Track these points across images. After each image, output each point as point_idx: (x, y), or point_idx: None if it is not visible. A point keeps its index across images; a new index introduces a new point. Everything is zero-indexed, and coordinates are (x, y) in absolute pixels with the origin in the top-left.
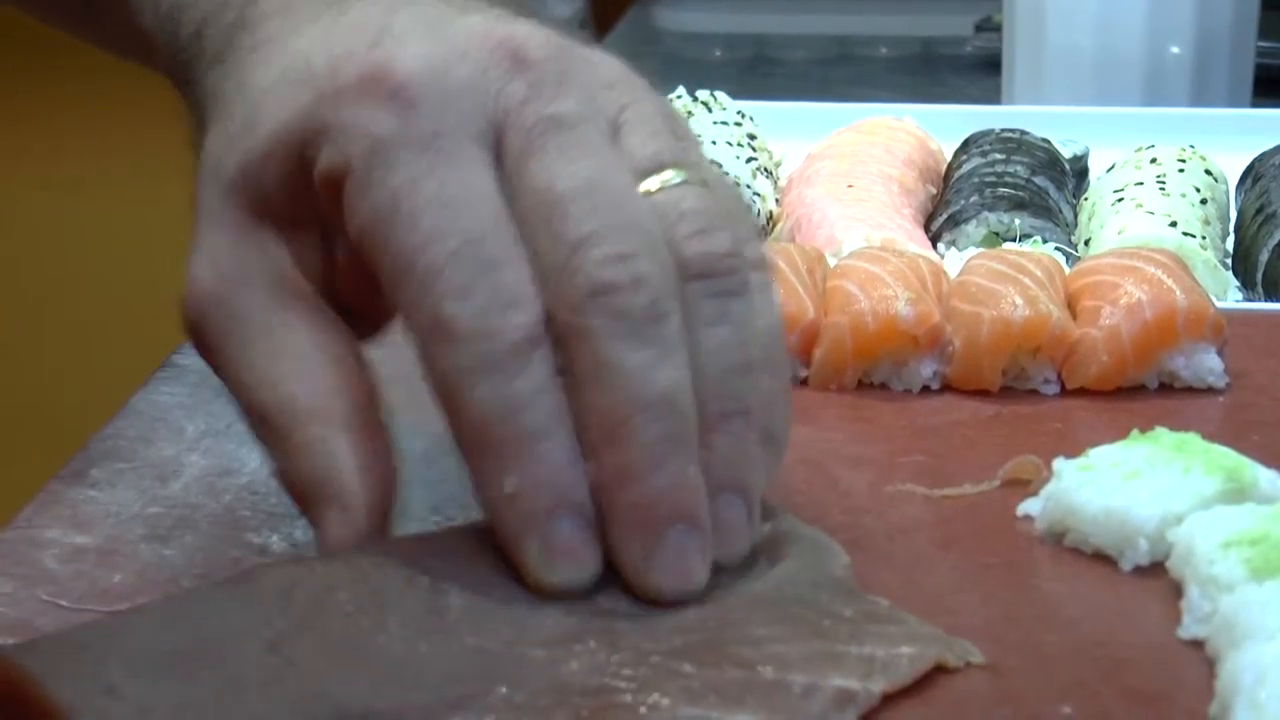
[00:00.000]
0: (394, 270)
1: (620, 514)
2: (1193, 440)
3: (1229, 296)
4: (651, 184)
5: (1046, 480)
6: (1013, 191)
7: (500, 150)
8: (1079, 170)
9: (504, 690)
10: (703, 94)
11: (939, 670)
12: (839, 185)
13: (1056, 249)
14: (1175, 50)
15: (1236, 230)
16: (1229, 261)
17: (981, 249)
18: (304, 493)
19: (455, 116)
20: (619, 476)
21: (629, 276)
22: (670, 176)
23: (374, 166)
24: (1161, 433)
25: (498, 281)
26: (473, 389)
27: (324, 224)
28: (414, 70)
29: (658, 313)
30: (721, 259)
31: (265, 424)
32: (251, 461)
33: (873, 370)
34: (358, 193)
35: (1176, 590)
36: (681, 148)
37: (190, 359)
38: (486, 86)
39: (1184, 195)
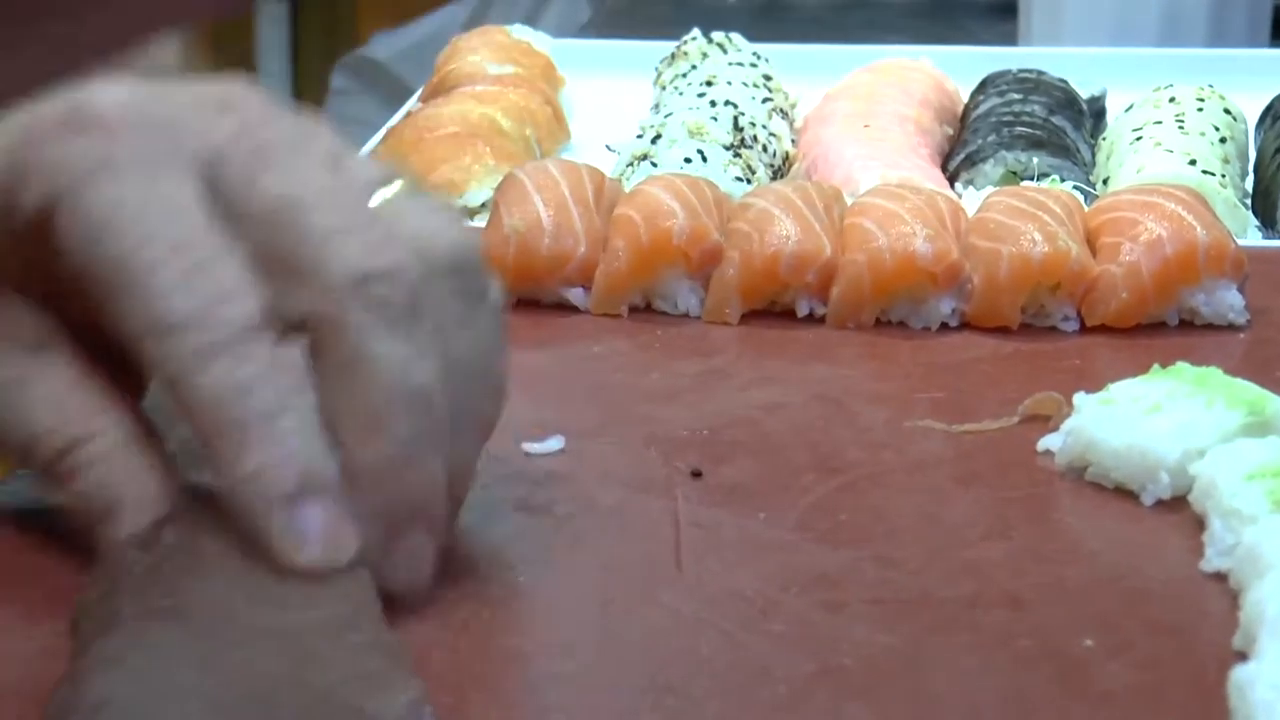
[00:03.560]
0: (109, 284)
1: (366, 505)
2: (1214, 374)
3: (1248, 235)
4: (383, 194)
5: (1067, 415)
6: (1030, 130)
7: (218, 181)
8: (1097, 111)
9: None
10: (718, 35)
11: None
12: (855, 125)
13: (1075, 188)
14: None
15: (1256, 169)
16: (1248, 201)
17: (999, 188)
18: (89, 511)
19: (158, 145)
20: (371, 470)
21: (388, 266)
22: (398, 187)
23: (80, 192)
24: (1183, 367)
25: (212, 277)
26: (200, 374)
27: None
28: (113, 103)
29: (416, 309)
30: (469, 253)
31: (40, 458)
32: None
33: (891, 308)
34: (68, 219)
35: (1198, 524)
36: (395, 172)
37: None
38: (192, 123)
39: (1203, 134)
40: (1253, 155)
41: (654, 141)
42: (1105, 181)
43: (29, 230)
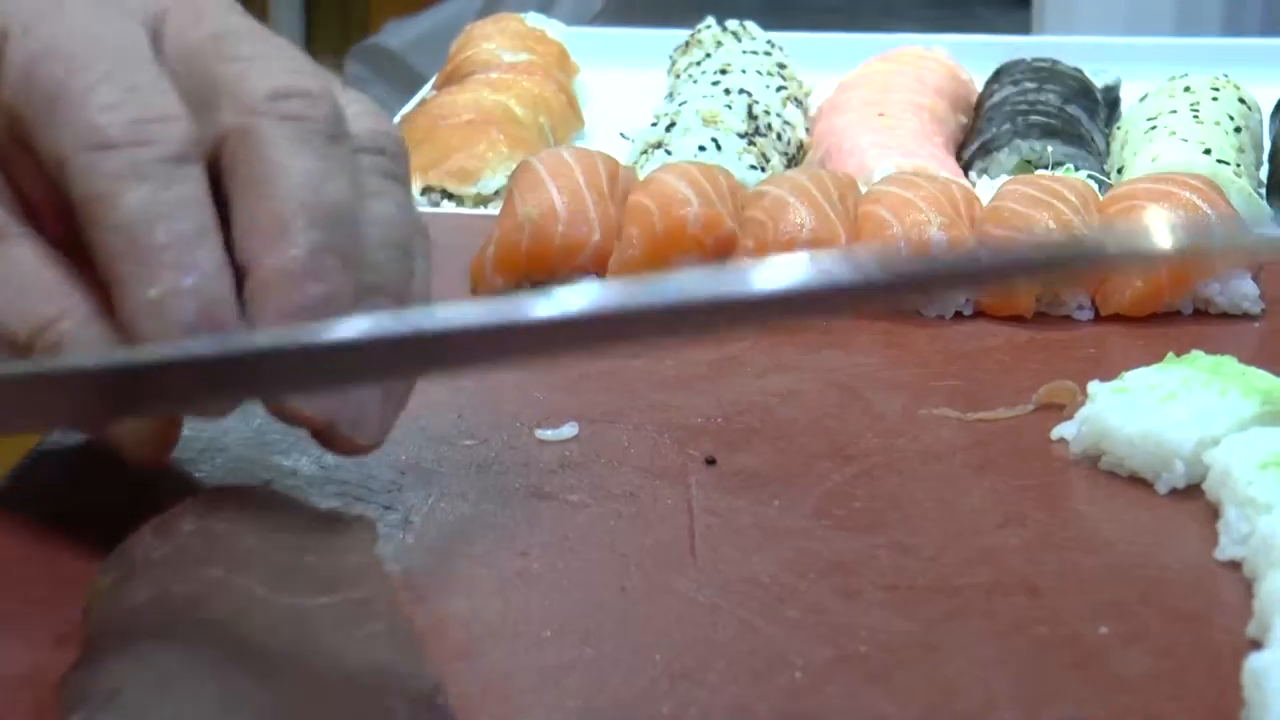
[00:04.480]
0: (46, 105)
1: (267, 315)
2: (1229, 363)
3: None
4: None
5: (1081, 404)
6: (1045, 119)
7: (159, 34)
8: (1111, 100)
9: None
10: (732, 24)
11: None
12: (870, 114)
13: (1089, 177)
14: None
15: (1270, 159)
16: (1263, 190)
17: (1014, 176)
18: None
19: None
20: (274, 280)
21: (308, 86)
22: (334, 85)
23: (30, 25)
24: (1198, 355)
25: (149, 100)
26: (124, 194)
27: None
28: None
29: (333, 131)
30: (393, 140)
31: (9, 339)
32: None
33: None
34: (15, 48)
35: (1213, 512)
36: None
37: None
38: None
39: (1218, 123)
40: (1267, 144)
41: (668, 129)
42: (1120, 170)
43: None
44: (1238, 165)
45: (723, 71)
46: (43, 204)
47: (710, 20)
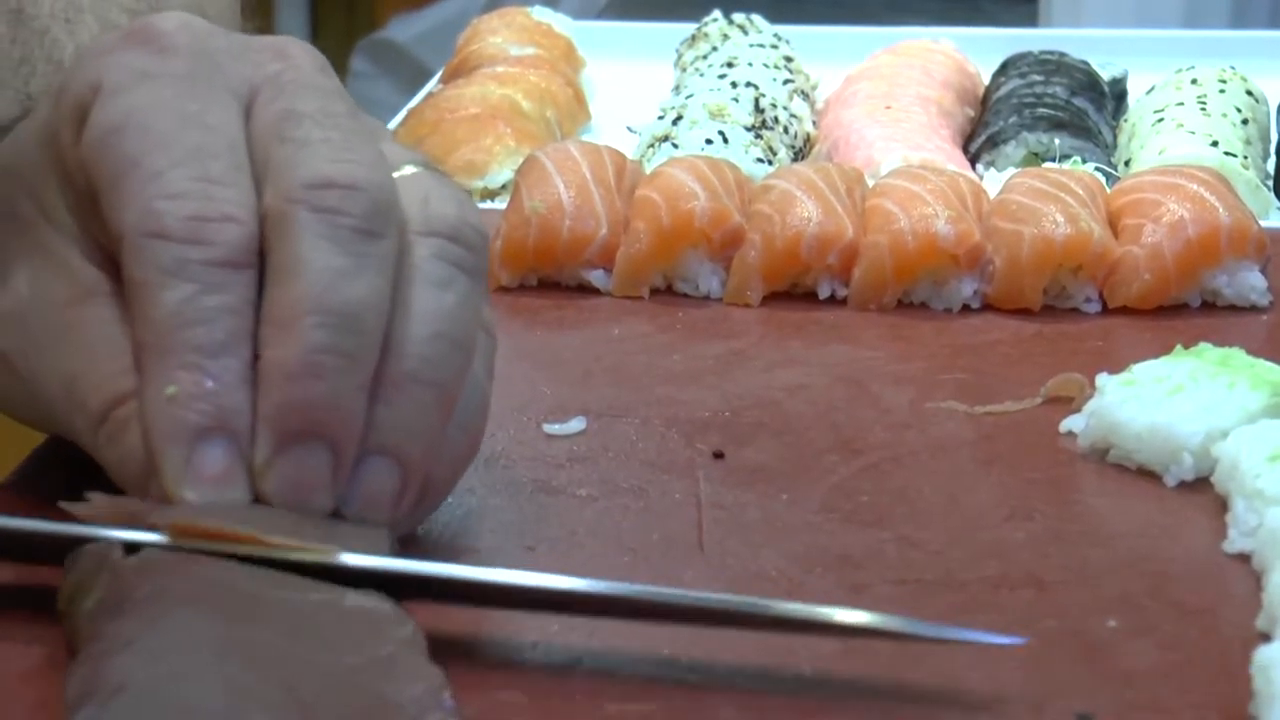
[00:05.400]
0: (114, 174)
1: (263, 407)
2: (1237, 355)
3: (1270, 216)
4: (407, 169)
5: (1089, 397)
6: (1052, 112)
7: (249, 111)
8: (1118, 93)
9: None
10: (739, 17)
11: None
12: (877, 107)
13: (1096, 169)
14: None
15: (1278, 151)
16: (1270, 183)
17: (1021, 169)
18: (137, 470)
19: (207, 70)
20: (272, 374)
21: (349, 178)
22: (421, 163)
23: (120, 89)
24: (1205, 348)
25: (215, 195)
26: (164, 291)
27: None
28: (177, 28)
29: (369, 228)
30: (472, 230)
31: (79, 410)
32: None
33: (912, 289)
34: (99, 112)
35: (1221, 505)
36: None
37: None
38: (242, 60)
39: (1225, 115)
40: (1275, 137)
41: (675, 123)
42: (1127, 163)
43: (69, 119)
44: (1245, 158)
45: (729, 65)
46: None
47: (716, 14)
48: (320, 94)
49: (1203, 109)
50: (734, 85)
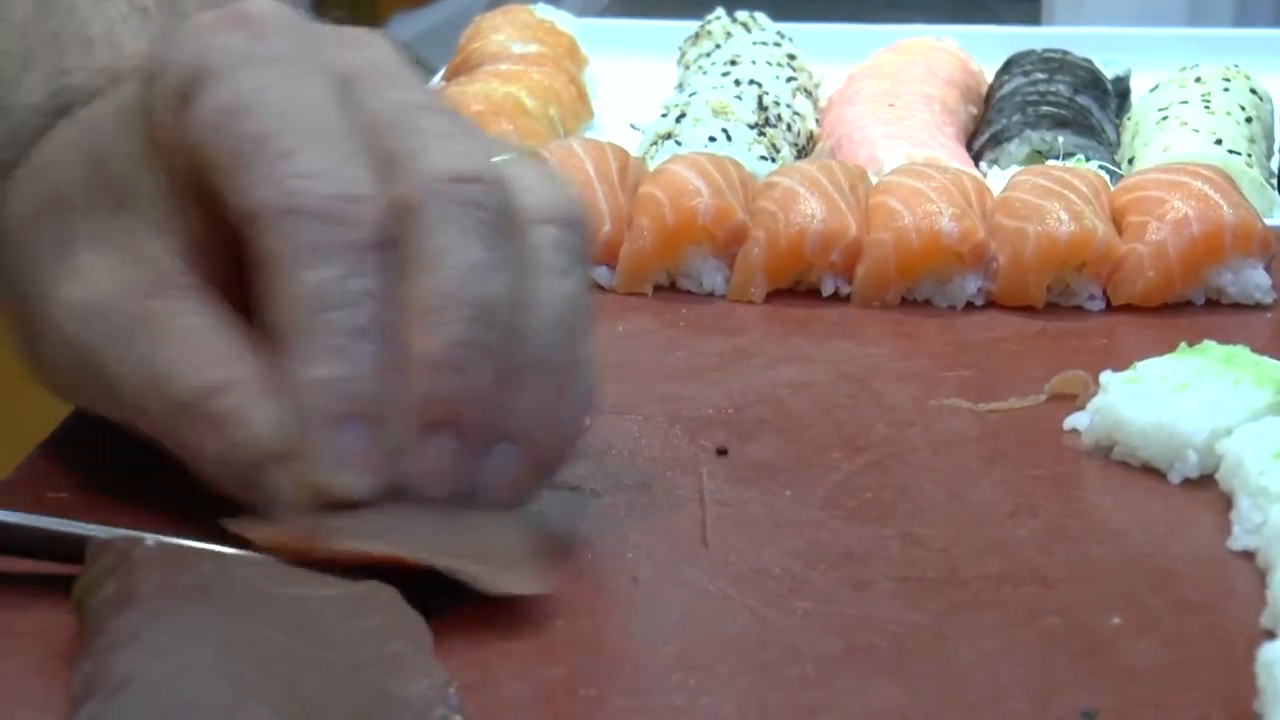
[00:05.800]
0: (243, 154)
1: (404, 398)
2: (1242, 353)
3: (1274, 214)
4: (503, 156)
5: (1093, 394)
6: (1055, 110)
7: (348, 94)
8: (1121, 91)
9: None
10: (742, 15)
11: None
12: (880, 104)
13: (1100, 167)
14: None
15: None
16: (1274, 180)
17: (1025, 167)
18: (243, 465)
19: (303, 50)
20: (415, 366)
21: (486, 173)
22: (516, 152)
23: (225, 75)
24: (1210, 345)
25: (349, 174)
26: (307, 271)
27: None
28: (269, 12)
29: (506, 224)
30: (581, 220)
31: (179, 414)
32: None
33: (916, 287)
34: (208, 98)
35: (1226, 502)
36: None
37: None
38: (332, 43)
39: (1229, 113)
40: (1279, 135)
41: (678, 120)
42: (1130, 161)
43: (170, 106)
44: (1249, 155)
45: (732, 62)
46: (212, 247)
47: (720, 11)
48: (418, 86)
49: (1206, 107)
50: (737, 83)
